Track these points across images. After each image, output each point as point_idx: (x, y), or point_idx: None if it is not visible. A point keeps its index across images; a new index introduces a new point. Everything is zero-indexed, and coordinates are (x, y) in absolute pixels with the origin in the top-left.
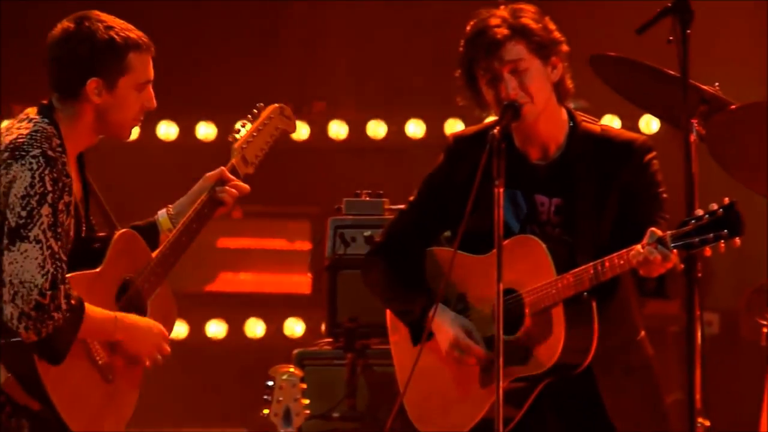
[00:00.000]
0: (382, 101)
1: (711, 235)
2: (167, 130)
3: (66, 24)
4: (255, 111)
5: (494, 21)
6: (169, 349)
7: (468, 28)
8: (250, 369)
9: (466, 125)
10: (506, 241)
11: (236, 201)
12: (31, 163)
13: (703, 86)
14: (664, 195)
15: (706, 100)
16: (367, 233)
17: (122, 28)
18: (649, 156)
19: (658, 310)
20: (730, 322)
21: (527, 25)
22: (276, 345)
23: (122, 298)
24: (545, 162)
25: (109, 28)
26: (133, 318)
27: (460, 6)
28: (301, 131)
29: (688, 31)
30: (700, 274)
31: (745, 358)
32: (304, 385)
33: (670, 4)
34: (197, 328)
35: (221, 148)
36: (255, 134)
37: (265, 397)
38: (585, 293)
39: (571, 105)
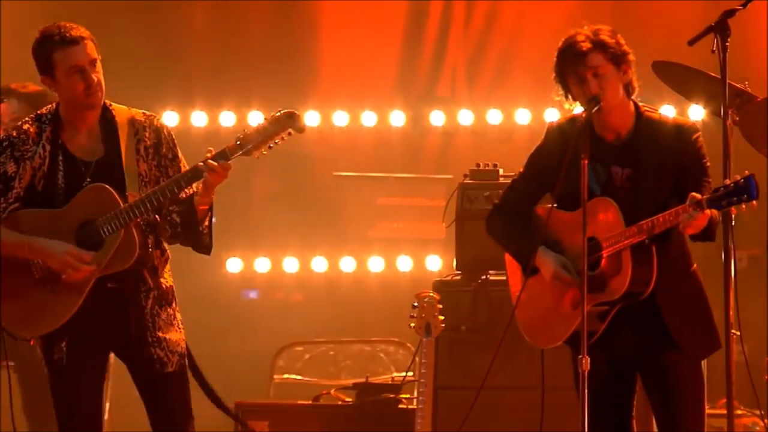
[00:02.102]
0: (498, 94)
1: (735, 198)
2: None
3: None
4: (272, 114)
5: (580, 37)
6: (81, 268)
7: (560, 43)
8: (401, 294)
9: (561, 114)
10: (589, 202)
11: (219, 176)
12: None
13: (737, 84)
14: (708, 164)
15: (739, 94)
16: (486, 194)
17: (48, 35)
18: (696, 135)
19: (703, 250)
20: (756, 256)
21: (604, 40)
22: (420, 276)
23: (80, 232)
24: (618, 142)
25: (40, 38)
26: (43, 242)
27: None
28: (439, 119)
29: (727, 44)
30: (733, 223)
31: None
32: (441, 306)
33: (713, 24)
34: (362, 264)
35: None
36: (257, 128)
37: (412, 314)
38: (646, 240)
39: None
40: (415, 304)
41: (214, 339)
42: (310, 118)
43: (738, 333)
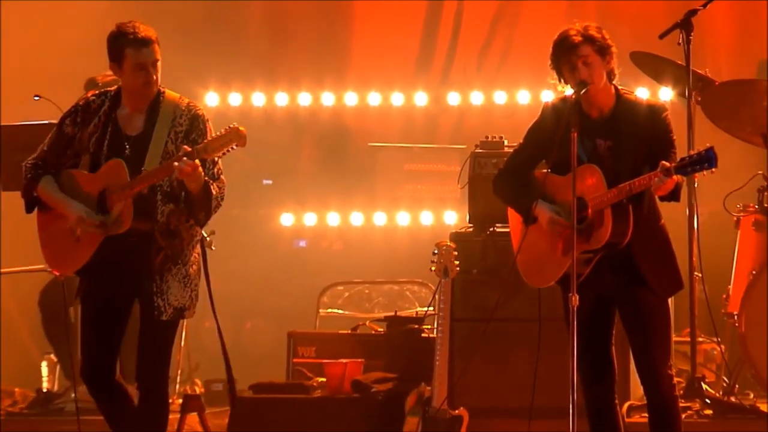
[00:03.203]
0: (503, 78)
1: (698, 166)
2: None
3: None
4: (228, 127)
5: (572, 32)
6: (87, 224)
7: (555, 37)
8: (423, 243)
9: (555, 95)
10: (578, 168)
11: (185, 171)
12: None
13: (699, 70)
14: (674, 137)
15: (701, 79)
16: (494, 161)
17: (124, 32)
18: (665, 113)
19: (671, 208)
20: (714, 212)
21: (592, 35)
22: (439, 228)
23: (100, 197)
24: (601, 119)
25: (117, 32)
26: (66, 201)
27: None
28: (454, 99)
29: (690, 37)
30: (696, 185)
31: (724, 234)
32: (456, 253)
33: (679, 21)
34: (391, 218)
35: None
36: (216, 138)
37: (432, 260)
38: (624, 200)
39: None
40: (435, 251)
41: (271, 280)
42: (350, 98)
43: (700, 275)
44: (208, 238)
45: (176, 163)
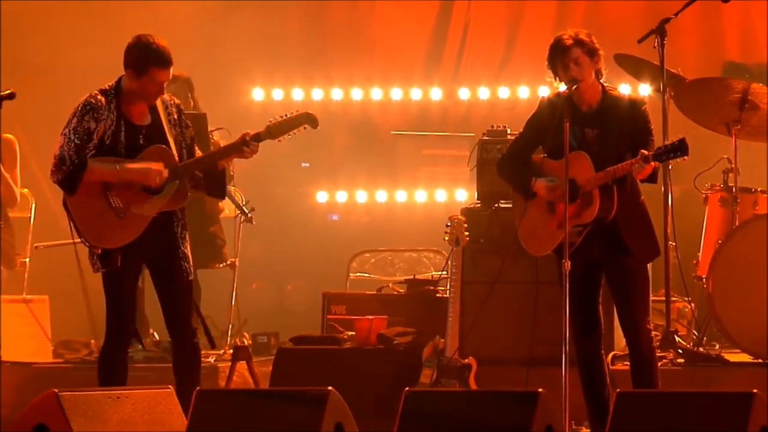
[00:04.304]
0: (506, 76)
1: (672, 154)
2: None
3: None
4: (294, 111)
5: (565, 36)
6: (160, 175)
7: (552, 40)
8: (438, 216)
9: (550, 91)
10: (570, 154)
11: (252, 153)
12: None
13: (672, 70)
14: (651, 127)
15: (674, 77)
16: (498, 147)
17: (152, 49)
18: (644, 107)
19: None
20: (685, 190)
21: (583, 39)
22: (452, 204)
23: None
24: (590, 111)
25: (144, 48)
26: (131, 165)
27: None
28: (464, 94)
29: (664, 41)
30: (670, 167)
31: (694, 209)
32: (466, 225)
33: (654, 28)
34: (411, 195)
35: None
36: (282, 121)
37: (446, 231)
38: (609, 182)
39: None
40: (448, 223)
41: (308, 248)
42: (375, 93)
43: (674, 244)
44: (249, 215)
45: (245, 147)
